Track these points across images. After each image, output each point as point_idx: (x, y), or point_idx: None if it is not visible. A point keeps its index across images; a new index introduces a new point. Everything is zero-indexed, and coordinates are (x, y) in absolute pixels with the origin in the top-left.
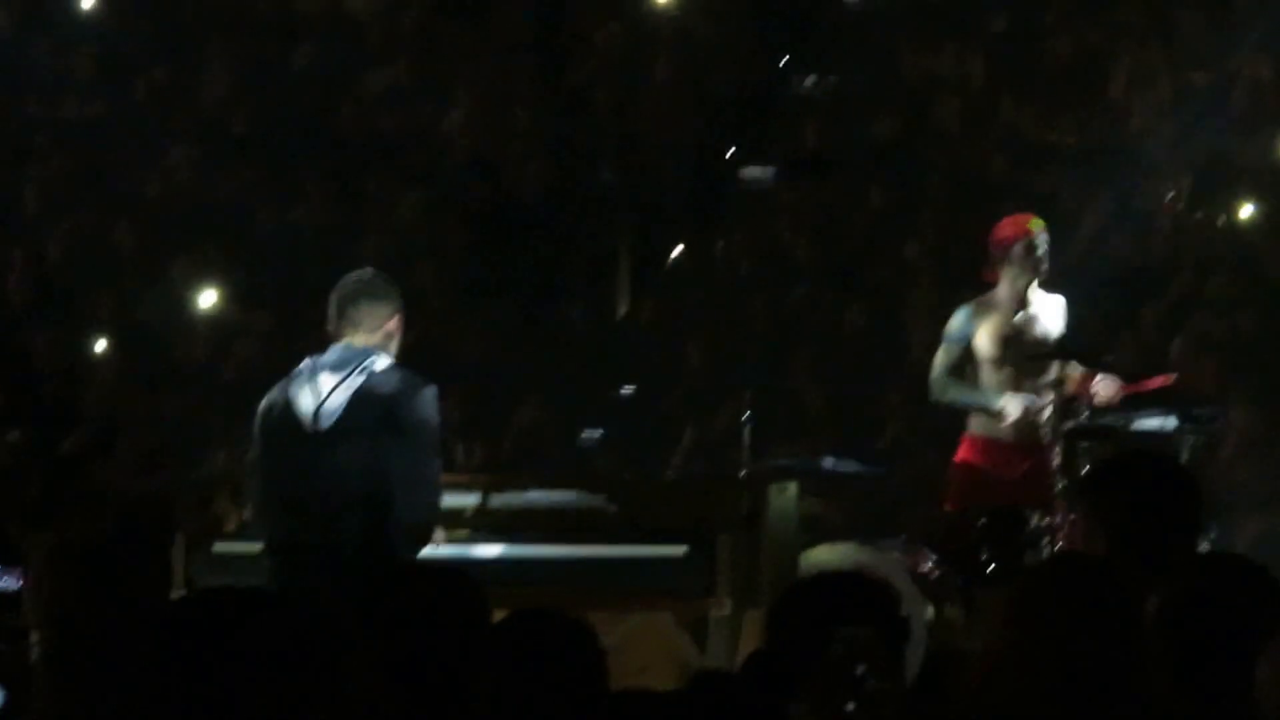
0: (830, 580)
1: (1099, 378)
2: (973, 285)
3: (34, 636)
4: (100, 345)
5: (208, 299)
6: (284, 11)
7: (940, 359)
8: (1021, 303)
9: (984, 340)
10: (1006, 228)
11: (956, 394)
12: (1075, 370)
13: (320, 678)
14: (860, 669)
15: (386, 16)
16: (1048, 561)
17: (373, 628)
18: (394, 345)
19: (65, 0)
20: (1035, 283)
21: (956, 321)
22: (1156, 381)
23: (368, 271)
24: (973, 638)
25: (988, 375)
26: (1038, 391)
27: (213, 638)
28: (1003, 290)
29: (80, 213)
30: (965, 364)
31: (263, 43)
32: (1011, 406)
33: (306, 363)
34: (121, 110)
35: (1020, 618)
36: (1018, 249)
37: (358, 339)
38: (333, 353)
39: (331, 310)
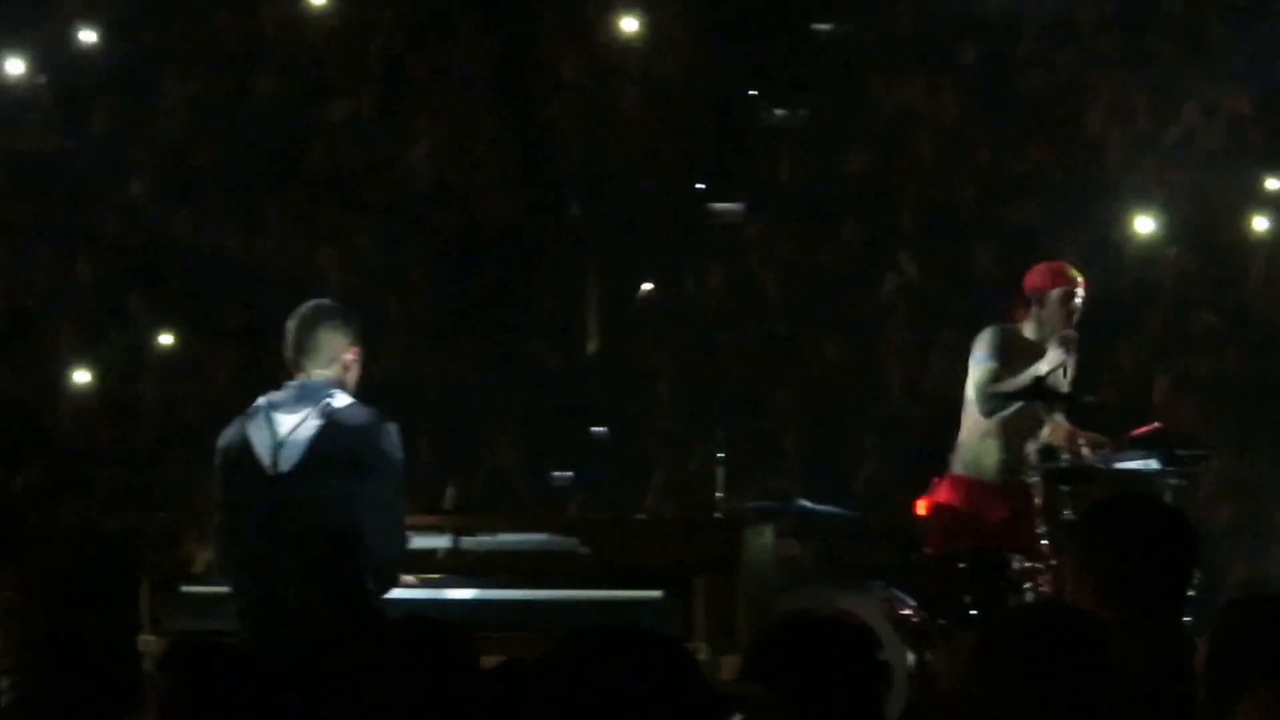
0: (807, 624)
1: (1082, 439)
2: (949, 320)
3: (3, 682)
4: (62, 380)
5: (172, 333)
6: (245, 42)
7: (984, 377)
8: (1041, 346)
9: (1007, 372)
10: (1045, 274)
11: (1007, 388)
12: (1063, 424)
13: None
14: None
15: (350, 47)
16: (1013, 608)
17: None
18: (352, 377)
19: (22, 33)
20: (1061, 330)
21: (991, 342)
22: (1140, 431)
23: (324, 301)
24: (944, 680)
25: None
26: (1032, 436)
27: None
28: (1029, 329)
29: (40, 247)
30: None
31: (223, 74)
32: (1053, 354)
33: (262, 401)
34: (80, 143)
35: (984, 664)
36: (1054, 296)
37: (314, 370)
38: (288, 390)
39: (287, 340)
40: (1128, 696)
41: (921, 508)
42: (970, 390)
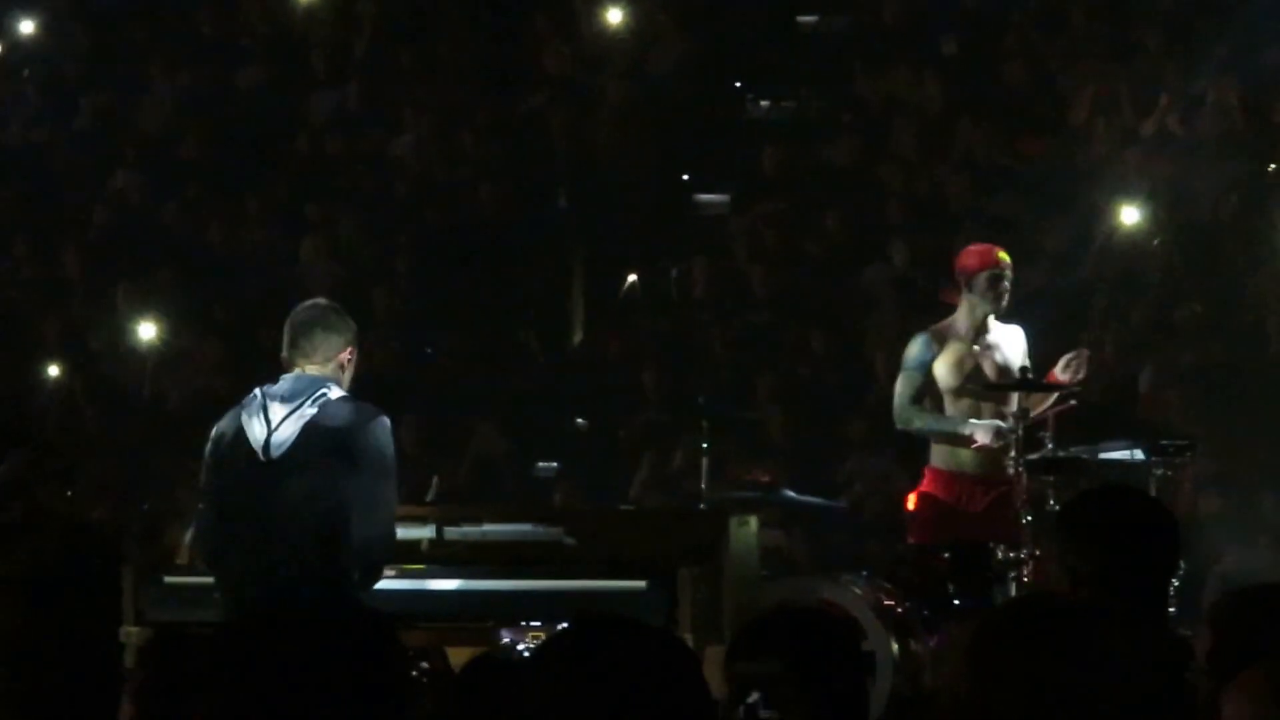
0: (791, 614)
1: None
2: (935, 310)
3: None
4: (47, 371)
5: (156, 325)
6: (231, 34)
7: (902, 388)
8: (979, 331)
9: (943, 369)
10: (973, 255)
11: (924, 421)
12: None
13: None
14: (755, 700)
15: (335, 39)
16: (1009, 602)
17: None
18: (347, 376)
19: (7, 25)
20: (994, 314)
21: (915, 349)
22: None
23: (322, 301)
24: (938, 674)
25: (948, 405)
26: (1000, 417)
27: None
28: (961, 317)
29: (26, 238)
30: (926, 393)
31: (209, 66)
32: (981, 432)
33: (256, 392)
34: (66, 135)
35: (981, 659)
36: (982, 278)
37: (310, 369)
38: (284, 383)
39: (285, 339)
40: (1111, 688)
41: (911, 502)
42: (894, 396)
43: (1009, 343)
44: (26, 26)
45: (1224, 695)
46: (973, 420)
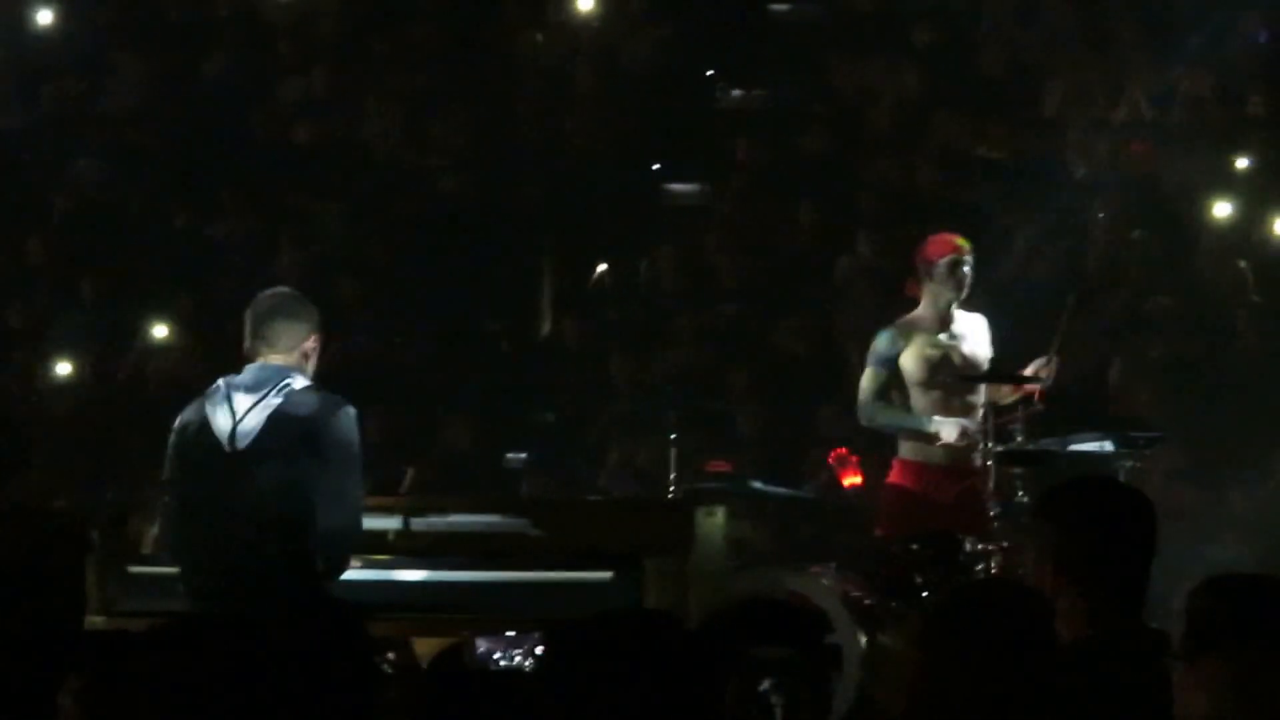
0: (754, 606)
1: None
2: (906, 302)
3: None
4: (10, 361)
5: (121, 314)
6: (197, 20)
7: (867, 383)
8: (944, 322)
9: (910, 362)
10: (934, 245)
11: (888, 418)
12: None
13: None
14: (768, 687)
15: (303, 24)
16: (957, 588)
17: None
18: (311, 365)
19: None
20: (956, 302)
21: (881, 343)
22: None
23: (284, 290)
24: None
25: (917, 398)
26: (968, 412)
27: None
28: (925, 309)
29: None
30: (892, 386)
31: (176, 51)
32: (946, 430)
33: (220, 382)
34: (30, 122)
35: (931, 645)
36: (942, 266)
37: (274, 358)
38: (248, 373)
39: (247, 329)
40: (1094, 681)
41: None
42: (859, 392)
43: (974, 333)
44: None
45: (1180, 683)
46: (937, 418)
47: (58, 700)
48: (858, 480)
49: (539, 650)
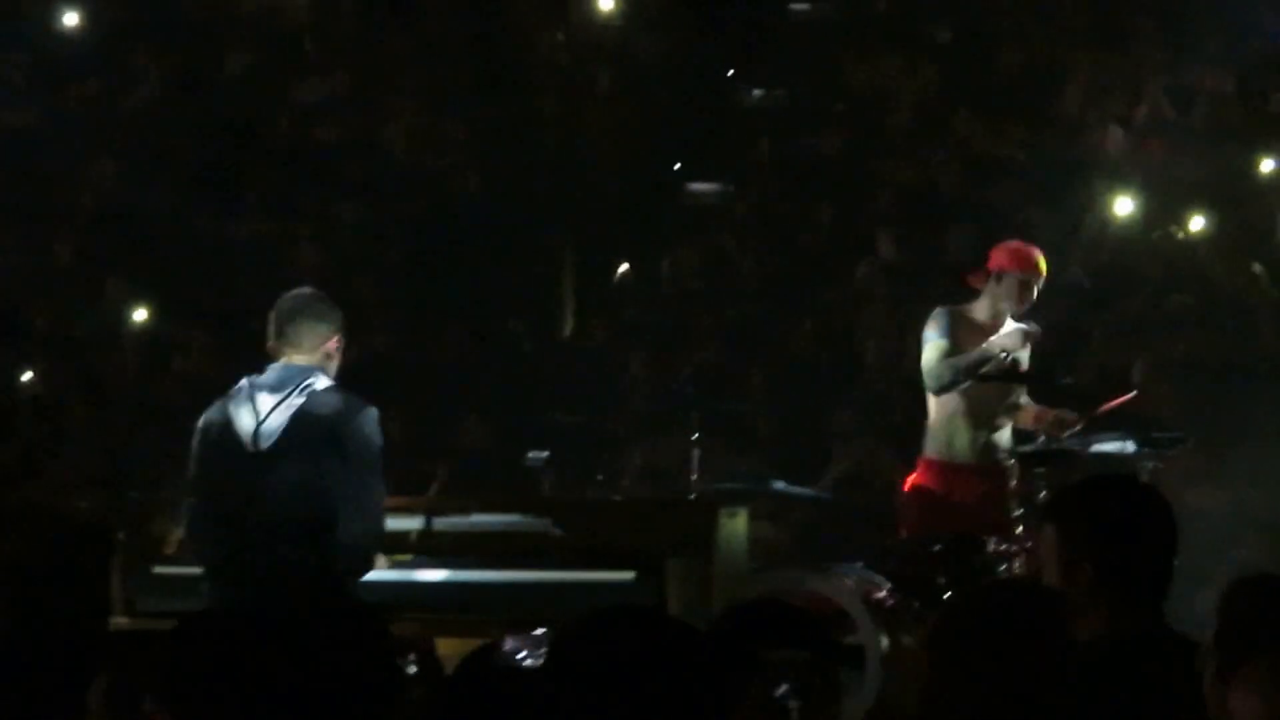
0: (766, 606)
1: (1054, 415)
2: (927, 299)
3: None
4: (34, 360)
5: (143, 313)
6: (218, 20)
7: (934, 352)
8: (994, 327)
9: (954, 352)
10: (1011, 254)
11: (957, 366)
12: (1030, 406)
13: None
14: (785, 691)
15: (323, 25)
16: (969, 590)
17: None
18: (333, 365)
19: None
20: (1010, 315)
21: (941, 322)
22: (1116, 402)
23: (307, 290)
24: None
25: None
26: (994, 416)
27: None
28: (982, 307)
29: (11, 225)
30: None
31: (197, 52)
32: (1007, 339)
33: (244, 382)
34: (53, 120)
35: (942, 647)
36: (1014, 279)
37: (297, 358)
38: (271, 372)
39: (271, 329)
40: (1109, 681)
41: (908, 485)
42: (923, 367)
43: (1018, 339)
44: (18, 12)
45: (1230, 688)
46: (993, 339)
47: (87, 700)
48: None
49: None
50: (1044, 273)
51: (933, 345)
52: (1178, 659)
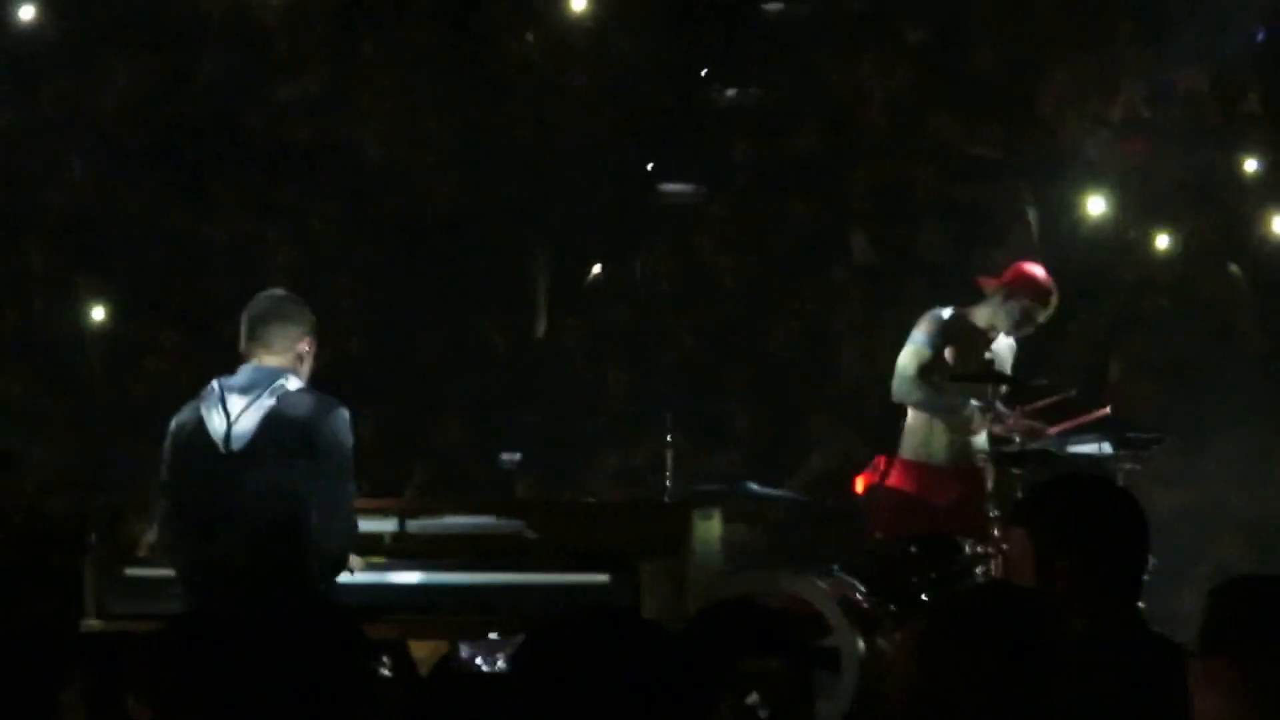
0: (740, 609)
1: (1026, 426)
2: (904, 302)
3: None
4: (5, 361)
5: (115, 314)
6: (191, 19)
7: (910, 359)
8: (989, 339)
9: (952, 356)
10: (1032, 280)
11: (924, 395)
12: (1004, 414)
13: None
14: (756, 700)
15: (297, 24)
16: (959, 592)
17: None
18: (305, 367)
19: None
20: (1007, 333)
21: (933, 327)
22: (1090, 417)
23: (279, 291)
24: (894, 668)
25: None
26: (974, 419)
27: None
28: (981, 315)
29: None
30: (932, 370)
31: (169, 51)
32: (979, 415)
33: (214, 384)
34: (25, 120)
35: (931, 650)
36: (1024, 303)
37: (268, 360)
38: (242, 374)
39: (242, 330)
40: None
41: (860, 485)
42: (896, 366)
43: (1005, 351)
44: None
45: (1193, 686)
46: (973, 400)
47: (60, 700)
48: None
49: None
50: (1053, 305)
51: (913, 351)
52: (1155, 655)
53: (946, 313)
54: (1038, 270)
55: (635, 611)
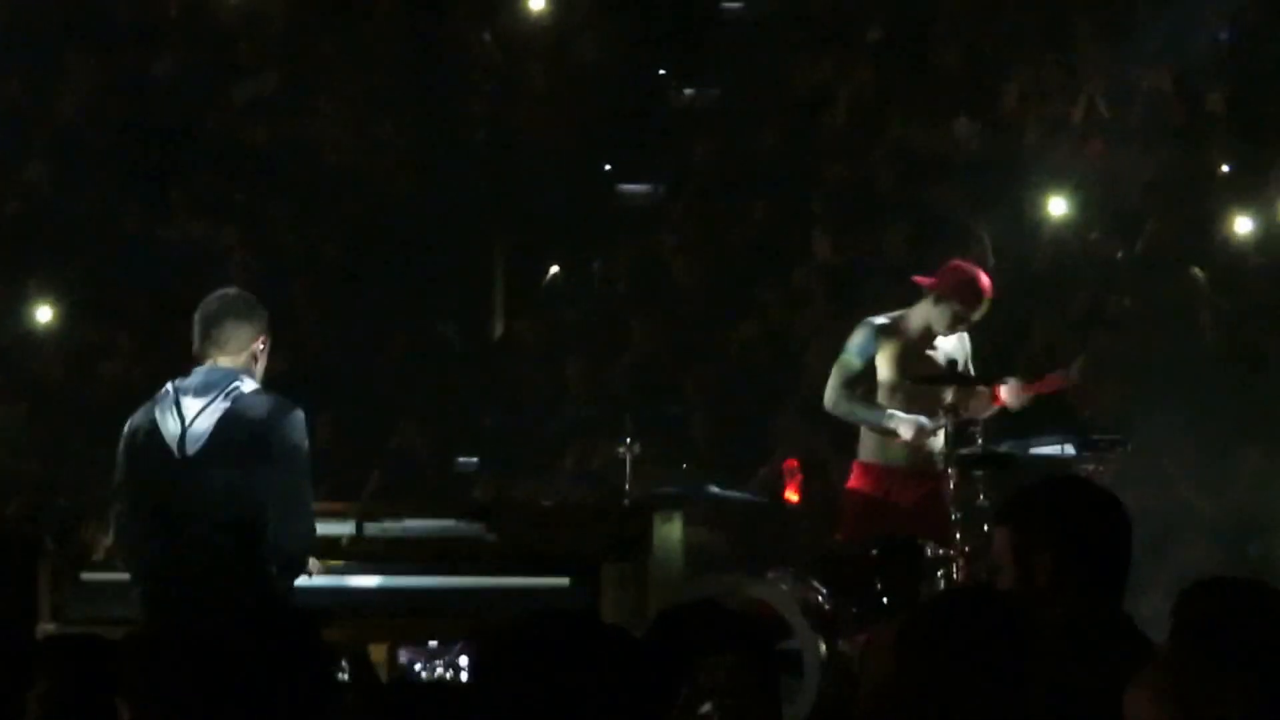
0: (701, 611)
1: (1003, 388)
2: (864, 303)
3: None
4: None
5: (70, 316)
6: (146, 20)
7: (837, 372)
8: (926, 338)
9: (884, 364)
10: (959, 282)
11: (851, 407)
12: (980, 395)
13: None
14: (713, 706)
15: (254, 25)
16: (935, 595)
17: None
18: (259, 367)
19: None
20: (941, 334)
21: (861, 339)
22: (1054, 380)
23: (232, 291)
24: (863, 671)
25: (883, 396)
26: (932, 415)
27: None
28: (915, 317)
29: None
30: (862, 380)
31: (124, 52)
32: (904, 427)
33: (169, 386)
34: None
35: (907, 652)
36: (953, 306)
37: (222, 360)
38: (196, 375)
39: (195, 331)
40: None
41: (794, 495)
42: (830, 376)
43: (953, 343)
44: None
45: (1125, 694)
46: (897, 414)
47: (27, 702)
48: (795, 498)
49: (463, 659)
50: (985, 309)
51: (842, 362)
52: (1136, 654)
53: (880, 320)
54: (969, 272)
55: (595, 615)
